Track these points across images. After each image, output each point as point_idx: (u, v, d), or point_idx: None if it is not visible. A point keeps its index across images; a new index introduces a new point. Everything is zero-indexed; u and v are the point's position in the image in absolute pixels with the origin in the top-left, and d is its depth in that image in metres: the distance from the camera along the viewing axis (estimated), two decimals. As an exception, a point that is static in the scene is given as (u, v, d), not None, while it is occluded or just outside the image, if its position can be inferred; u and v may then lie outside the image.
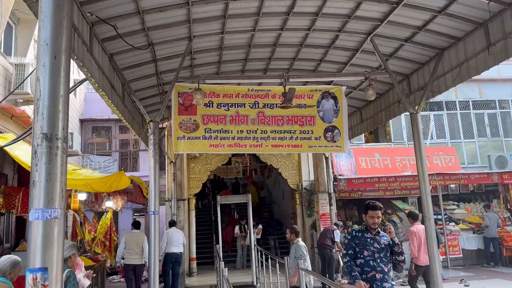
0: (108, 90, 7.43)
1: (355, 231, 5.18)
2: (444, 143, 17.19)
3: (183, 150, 9.17)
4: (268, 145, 9.28)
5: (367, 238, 5.03)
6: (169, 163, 12.92)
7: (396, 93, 10.09)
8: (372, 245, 4.97)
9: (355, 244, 5.05)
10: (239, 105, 9.32)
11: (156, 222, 7.29)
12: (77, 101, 17.13)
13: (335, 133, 9.42)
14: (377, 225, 5.06)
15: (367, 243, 4.99)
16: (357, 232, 5.12)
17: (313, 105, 9.43)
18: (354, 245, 5.05)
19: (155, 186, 7.35)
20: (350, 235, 5.22)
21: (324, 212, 13.07)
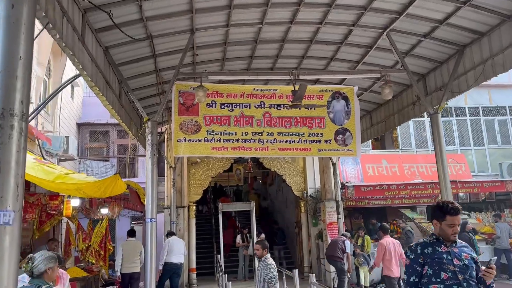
0: (103, 86, 6.79)
1: (420, 245, 3.54)
2: (453, 151, 16.52)
3: (184, 153, 8.50)
4: (275, 148, 8.61)
5: (441, 253, 3.43)
6: (169, 168, 12.24)
7: (410, 95, 9.45)
8: (451, 262, 3.39)
9: (424, 264, 3.47)
10: (244, 106, 8.66)
11: (153, 230, 6.60)
12: (75, 104, 16.49)
13: (346, 136, 8.76)
14: (456, 235, 3.52)
15: (444, 260, 3.41)
16: (424, 247, 3.50)
17: (323, 105, 8.78)
18: (419, 268, 3.47)
19: (152, 191, 6.67)
20: (413, 252, 3.56)
21: (331, 221, 12.35)
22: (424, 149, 16.49)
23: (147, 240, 6.56)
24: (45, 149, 12.17)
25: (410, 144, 16.52)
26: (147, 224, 6.60)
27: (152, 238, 6.57)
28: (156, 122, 6.95)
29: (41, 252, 3.54)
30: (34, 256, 3.44)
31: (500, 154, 16.70)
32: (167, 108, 10.36)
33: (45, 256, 3.43)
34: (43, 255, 3.44)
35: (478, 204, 15.98)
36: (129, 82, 8.26)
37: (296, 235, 15.92)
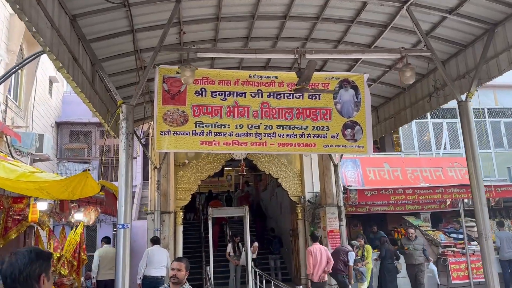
0: (69, 62, 5.52)
1: None
2: (458, 154, 15.41)
3: (168, 147, 7.22)
4: (274, 143, 7.38)
5: None
6: (153, 169, 10.91)
7: (426, 86, 8.30)
8: None
9: None
10: (239, 94, 7.43)
11: (127, 238, 5.29)
12: (53, 101, 15.11)
13: (355, 130, 7.55)
14: None
15: None
16: None
17: (329, 95, 7.58)
18: None
19: (126, 190, 5.38)
20: None
21: (332, 228, 11.11)
22: (428, 152, 15.37)
23: (118, 250, 5.25)
24: (14, 147, 10.79)
25: (413, 147, 15.38)
26: (119, 231, 5.30)
27: (126, 248, 5.27)
28: (132, 106, 5.66)
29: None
30: None
31: (507, 157, 15.63)
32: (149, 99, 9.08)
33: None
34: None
35: (485, 211, 14.85)
36: (104, 65, 6.99)
37: (291, 244, 14.63)
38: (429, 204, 14.24)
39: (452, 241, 12.65)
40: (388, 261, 10.91)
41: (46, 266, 2.01)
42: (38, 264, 1.97)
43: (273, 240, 14.61)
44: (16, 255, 1.99)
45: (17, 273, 1.92)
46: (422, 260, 10.82)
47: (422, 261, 10.82)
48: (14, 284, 1.91)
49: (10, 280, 1.92)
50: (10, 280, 1.92)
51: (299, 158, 13.36)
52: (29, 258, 1.96)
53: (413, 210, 14.23)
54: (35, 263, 1.97)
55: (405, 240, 11.18)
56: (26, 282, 1.92)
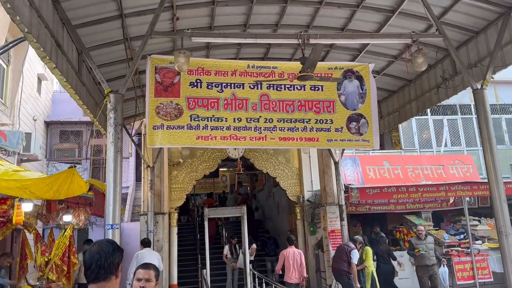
0: (51, 48, 4.99)
1: None
2: (459, 151, 15.00)
3: (161, 143, 6.69)
4: (275, 137, 6.87)
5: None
6: (146, 168, 10.36)
7: (433, 77, 7.84)
8: None
9: None
10: (237, 86, 6.94)
11: (115, 239, 4.75)
12: (42, 100, 14.51)
13: (361, 123, 7.07)
14: None
15: None
16: None
17: (333, 86, 7.10)
18: None
19: (115, 188, 4.85)
20: None
21: (333, 228, 10.60)
22: (428, 149, 14.93)
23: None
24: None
25: (413, 144, 14.93)
26: (107, 232, 4.77)
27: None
28: (121, 95, 5.13)
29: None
30: None
31: (509, 154, 15.22)
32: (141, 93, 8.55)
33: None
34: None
35: (487, 209, 14.43)
36: (92, 55, 6.44)
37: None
38: (430, 203, 13.77)
39: (456, 240, 12.19)
40: (381, 260, 10.27)
41: (121, 258, 2.18)
42: (118, 254, 2.13)
43: (268, 242, 14.09)
44: (100, 245, 2.14)
45: (102, 260, 2.04)
46: (435, 261, 10.07)
47: (435, 261, 10.07)
48: (99, 269, 2.03)
49: (95, 265, 2.04)
50: (95, 266, 2.04)
51: (297, 156, 12.88)
52: (113, 248, 2.12)
53: (414, 209, 13.76)
54: (117, 253, 2.13)
55: (416, 240, 10.36)
56: (110, 268, 2.05)
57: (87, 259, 2.12)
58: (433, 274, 9.95)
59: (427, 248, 9.96)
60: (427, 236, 10.39)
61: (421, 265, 10.03)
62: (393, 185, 11.61)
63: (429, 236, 10.58)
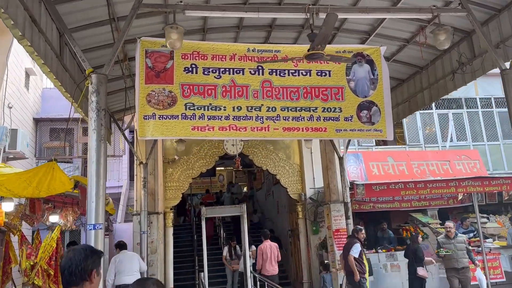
0: (25, 22, 4.31)
1: None
2: (465, 146, 14.39)
3: (153, 134, 6.00)
4: (278, 128, 6.20)
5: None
6: (138, 164, 9.66)
7: (448, 62, 7.20)
8: None
9: None
10: (236, 71, 6.26)
11: (99, 242, 4.07)
12: (31, 96, 13.78)
13: (372, 111, 6.41)
14: None
15: None
16: None
17: (341, 72, 6.44)
18: None
19: (98, 182, 4.16)
20: None
21: (338, 227, 9.93)
22: (434, 144, 14.31)
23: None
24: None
25: (418, 140, 14.31)
26: (89, 233, 4.08)
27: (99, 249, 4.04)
28: (105, 76, 4.44)
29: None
30: None
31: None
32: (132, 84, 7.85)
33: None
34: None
35: (495, 206, 13.84)
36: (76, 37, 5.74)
37: (290, 245, 13.47)
38: (436, 200, 13.19)
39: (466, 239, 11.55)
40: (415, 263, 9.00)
41: (97, 263, 2.19)
42: (91, 260, 2.15)
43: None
44: (73, 251, 2.18)
45: (73, 267, 2.11)
46: (466, 263, 8.94)
47: (467, 264, 8.94)
48: (71, 276, 2.11)
49: (67, 272, 2.12)
50: (67, 273, 2.12)
51: (298, 152, 12.23)
52: (85, 254, 2.15)
53: (420, 207, 13.16)
54: (89, 259, 2.15)
55: (444, 239, 9.28)
56: (81, 275, 2.11)
57: (62, 265, 2.17)
58: (463, 279, 8.83)
59: (455, 248, 8.94)
60: (457, 235, 9.26)
61: (449, 268, 9.02)
62: (401, 181, 10.97)
63: (460, 235, 9.43)
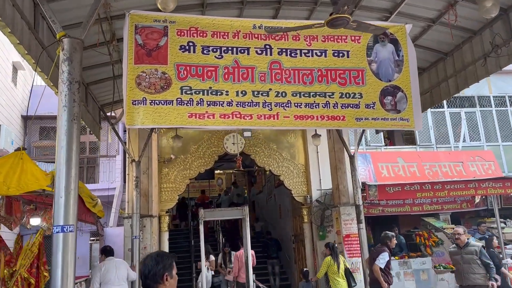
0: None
1: None
2: (479, 147, 13.52)
3: (143, 122, 5.09)
4: (289, 116, 5.30)
5: None
6: (130, 162, 8.74)
7: (479, 45, 6.33)
8: None
9: None
10: (240, 50, 5.38)
11: (69, 249, 3.15)
12: (19, 92, 12.86)
13: (398, 97, 5.53)
14: None
15: None
16: None
17: (361, 52, 5.56)
18: None
19: (68, 173, 3.24)
20: None
21: (349, 232, 9.02)
22: (445, 145, 13.43)
23: (54, 268, 3.11)
24: (-42, 138, 8.58)
25: (429, 140, 13.43)
26: (55, 237, 3.16)
27: (67, 264, 3.12)
28: (80, 41, 3.55)
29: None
30: None
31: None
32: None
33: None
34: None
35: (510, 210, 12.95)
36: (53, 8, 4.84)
37: (294, 252, 12.52)
38: (449, 204, 12.30)
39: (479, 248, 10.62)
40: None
41: (169, 267, 2.42)
42: (162, 265, 2.39)
43: (269, 243, 12.51)
44: (146, 258, 2.47)
45: (147, 272, 2.38)
46: (479, 280, 6.85)
47: (479, 281, 6.84)
48: (146, 280, 2.38)
49: (143, 277, 2.39)
50: (143, 277, 2.39)
51: (303, 151, 11.33)
52: (156, 260, 2.41)
53: (432, 211, 12.23)
54: (160, 264, 2.39)
55: (454, 249, 7.34)
56: (154, 279, 2.36)
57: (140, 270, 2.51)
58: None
59: (461, 261, 6.99)
60: (468, 244, 7.08)
61: (459, 286, 7.33)
62: (416, 182, 10.07)
63: (473, 243, 7.23)
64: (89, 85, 7.34)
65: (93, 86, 7.47)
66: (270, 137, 11.16)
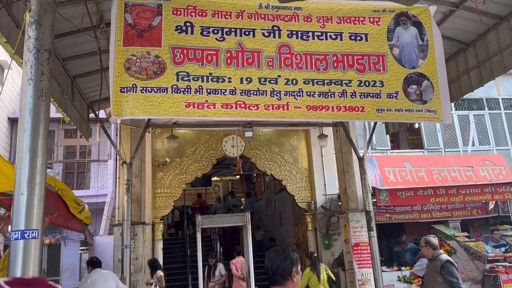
0: None
1: None
2: (488, 151, 12.89)
3: (132, 112, 4.38)
4: (301, 106, 4.62)
5: None
6: (121, 164, 8.00)
7: (507, 32, 5.68)
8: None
9: None
10: (245, 32, 4.70)
11: (31, 259, 2.42)
12: (6, 93, 12.15)
13: (423, 86, 4.86)
14: None
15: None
16: None
17: (381, 35, 4.90)
18: None
19: (32, 163, 2.53)
20: None
21: (358, 241, 8.30)
22: (454, 149, 12.79)
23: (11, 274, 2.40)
24: None
25: (437, 143, 12.78)
26: (14, 244, 2.43)
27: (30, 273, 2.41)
28: (52, 2, 2.85)
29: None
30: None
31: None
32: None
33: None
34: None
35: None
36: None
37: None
38: (459, 210, 11.65)
39: (500, 254, 9.93)
40: None
41: (296, 262, 2.31)
42: (290, 260, 2.28)
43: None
44: (274, 253, 2.36)
45: (275, 267, 2.27)
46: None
47: None
48: (275, 276, 2.28)
49: (271, 272, 2.29)
50: (271, 272, 2.29)
51: (306, 154, 10.64)
52: (284, 255, 2.31)
53: (441, 218, 11.54)
54: (288, 259, 2.28)
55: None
56: (283, 274, 2.26)
57: (266, 265, 2.33)
58: None
59: (427, 276, 5.41)
60: (436, 256, 5.09)
61: None
62: (430, 186, 9.38)
63: (440, 257, 5.07)
64: (76, 78, 6.64)
65: (80, 80, 6.77)
66: (272, 139, 10.48)
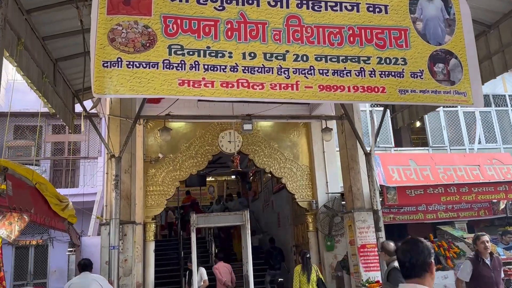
0: None
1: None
2: (495, 149, 12.33)
3: (117, 90, 3.71)
4: (312, 85, 3.98)
5: None
6: (109, 158, 7.30)
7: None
8: None
9: None
10: (248, 1, 4.06)
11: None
12: (-10, 86, 11.44)
13: (451, 65, 4.25)
14: None
15: None
16: None
17: (403, 7, 4.28)
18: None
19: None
20: None
21: (365, 242, 7.66)
22: (460, 147, 12.22)
23: None
24: None
25: (443, 141, 12.19)
26: None
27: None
28: None
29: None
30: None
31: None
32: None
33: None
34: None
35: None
36: None
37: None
38: (465, 211, 11.12)
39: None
40: None
41: (432, 255, 2.17)
42: (428, 252, 2.14)
43: (274, 253, 11.08)
44: (409, 244, 2.20)
45: (414, 260, 2.12)
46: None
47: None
48: (414, 268, 2.12)
49: (409, 264, 2.12)
50: (409, 265, 2.12)
51: (307, 151, 10.01)
52: (421, 247, 2.16)
53: (447, 218, 10.97)
54: (426, 251, 2.14)
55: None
56: (422, 267, 2.11)
57: (399, 257, 2.19)
58: None
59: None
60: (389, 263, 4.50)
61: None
62: (440, 184, 8.79)
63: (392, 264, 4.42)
64: (59, 61, 5.97)
65: (64, 64, 6.11)
66: (271, 134, 9.84)
